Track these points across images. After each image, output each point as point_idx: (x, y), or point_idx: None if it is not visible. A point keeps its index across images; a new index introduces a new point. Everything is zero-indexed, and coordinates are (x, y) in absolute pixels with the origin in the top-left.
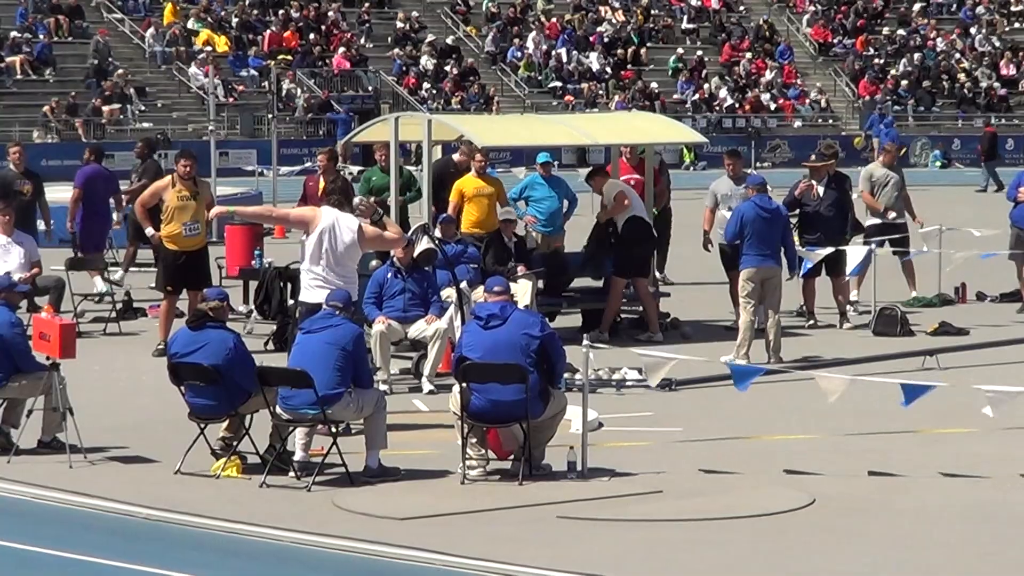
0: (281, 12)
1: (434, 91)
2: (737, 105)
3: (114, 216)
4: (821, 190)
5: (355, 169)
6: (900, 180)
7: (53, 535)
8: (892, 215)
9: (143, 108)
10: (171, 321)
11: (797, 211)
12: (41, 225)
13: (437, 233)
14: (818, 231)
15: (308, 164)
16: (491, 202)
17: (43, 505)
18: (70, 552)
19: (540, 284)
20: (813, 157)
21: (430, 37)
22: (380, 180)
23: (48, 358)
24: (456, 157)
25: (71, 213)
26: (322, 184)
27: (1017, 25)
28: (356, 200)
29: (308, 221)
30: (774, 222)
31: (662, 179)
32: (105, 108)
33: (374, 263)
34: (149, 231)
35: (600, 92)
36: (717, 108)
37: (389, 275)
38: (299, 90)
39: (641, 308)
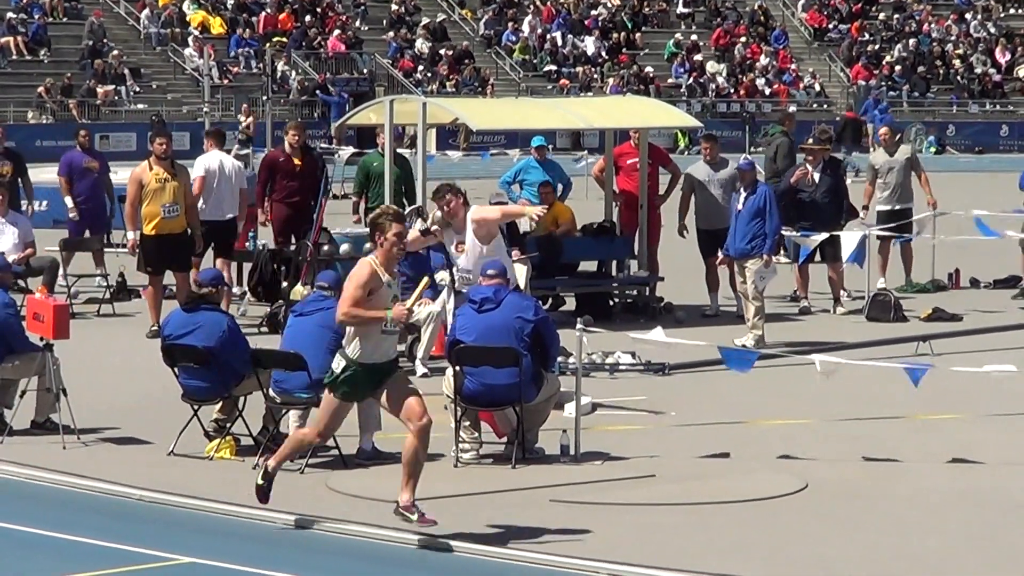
0: None
1: (429, 74)
2: (732, 90)
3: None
4: (817, 176)
5: (347, 151)
6: (905, 165)
7: (46, 516)
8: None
9: (138, 89)
10: (160, 303)
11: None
12: (24, 205)
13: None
14: (813, 218)
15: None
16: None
17: (36, 486)
18: (63, 533)
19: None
20: (811, 141)
21: (425, 20)
22: (383, 166)
23: (42, 339)
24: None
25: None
26: (297, 162)
27: (1012, 11)
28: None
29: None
30: None
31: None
32: (100, 89)
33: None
34: (130, 235)
35: (595, 76)
36: (712, 92)
37: None
38: (293, 72)
39: (635, 292)
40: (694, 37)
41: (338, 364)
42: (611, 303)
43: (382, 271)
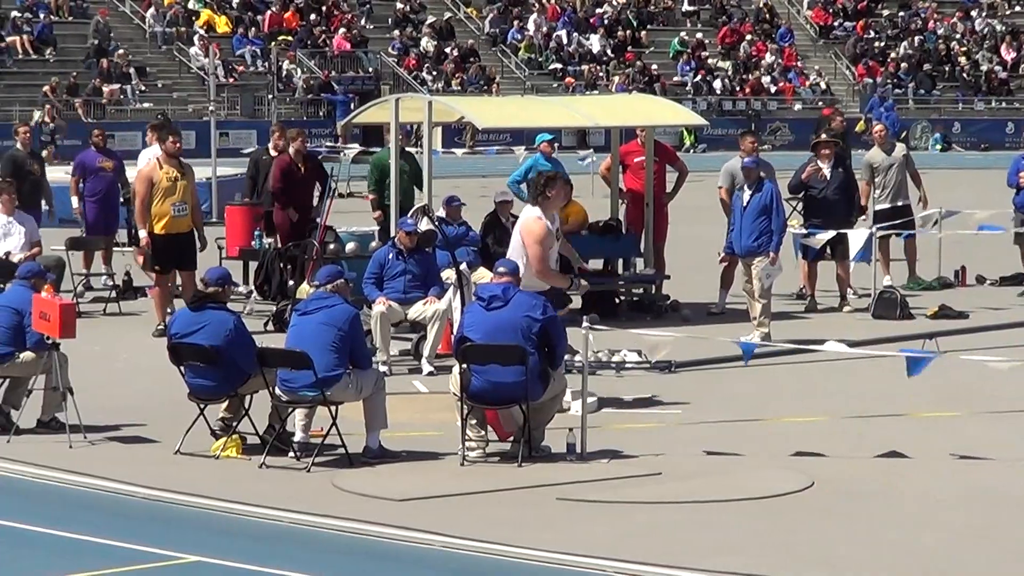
0: None
1: (434, 72)
2: (737, 88)
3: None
4: (828, 172)
5: (353, 150)
6: (903, 163)
7: (52, 514)
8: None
9: (143, 88)
10: (167, 301)
11: (801, 194)
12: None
13: (441, 213)
14: (824, 215)
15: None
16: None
17: (43, 485)
18: (69, 531)
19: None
20: (823, 137)
21: (430, 18)
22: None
23: (48, 338)
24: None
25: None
26: (303, 167)
27: (1018, 8)
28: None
29: None
30: None
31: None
32: (105, 88)
33: (374, 244)
34: (142, 233)
35: (601, 74)
36: (718, 90)
37: (390, 256)
38: (299, 71)
39: (641, 290)
40: (699, 35)
41: None
42: (617, 301)
43: None
